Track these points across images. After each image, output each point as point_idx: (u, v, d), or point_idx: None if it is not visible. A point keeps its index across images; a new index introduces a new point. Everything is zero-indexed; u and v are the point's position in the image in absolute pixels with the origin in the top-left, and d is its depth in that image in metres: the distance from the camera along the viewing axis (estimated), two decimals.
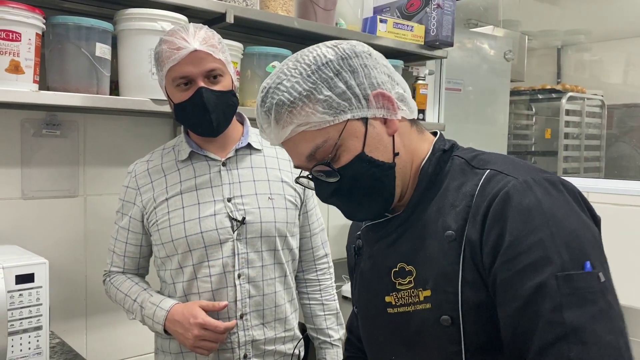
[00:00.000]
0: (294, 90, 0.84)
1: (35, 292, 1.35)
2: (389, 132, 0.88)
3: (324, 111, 0.84)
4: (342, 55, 0.87)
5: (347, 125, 0.85)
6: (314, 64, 0.85)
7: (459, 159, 0.91)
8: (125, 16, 1.58)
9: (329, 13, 2.06)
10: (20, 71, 1.39)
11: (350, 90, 0.86)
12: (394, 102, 0.88)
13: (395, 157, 0.89)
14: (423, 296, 0.86)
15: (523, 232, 0.76)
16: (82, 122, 1.81)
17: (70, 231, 1.80)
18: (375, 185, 0.88)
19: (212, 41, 1.31)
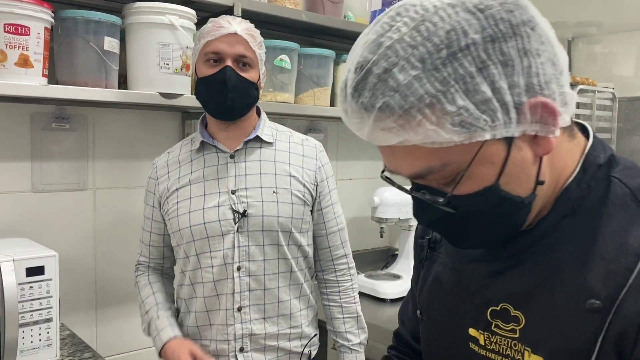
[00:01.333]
0: (410, 93, 0.57)
1: (45, 284, 1.36)
2: (539, 153, 0.63)
3: (453, 129, 0.58)
4: (493, 34, 0.58)
5: (482, 149, 0.60)
6: (447, 46, 0.57)
7: (621, 185, 0.65)
8: (133, 10, 1.58)
9: (337, 5, 2.05)
10: (29, 65, 1.39)
11: (497, 96, 0.58)
12: (557, 115, 0.61)
13: (537, 186, 0.65)
14: (531, 359, 0.67)
15: None
16: (91, 116, 1.82)
17: (79, 224, 1.81)
18: (500, 222, 0.66)
19: (252, 32, 1.37)
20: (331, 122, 2.49)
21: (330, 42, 2.28)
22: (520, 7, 0.61)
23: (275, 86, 1.92)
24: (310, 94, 2.06)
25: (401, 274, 2.30)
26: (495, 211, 0.64)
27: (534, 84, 0.60)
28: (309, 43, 2.20)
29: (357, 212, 2.63)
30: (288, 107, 1.96)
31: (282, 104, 1.94)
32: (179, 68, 1.62)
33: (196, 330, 1.42)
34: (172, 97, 1.63)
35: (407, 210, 2.27)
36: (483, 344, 0.72)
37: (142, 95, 1.60)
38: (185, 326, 1.44)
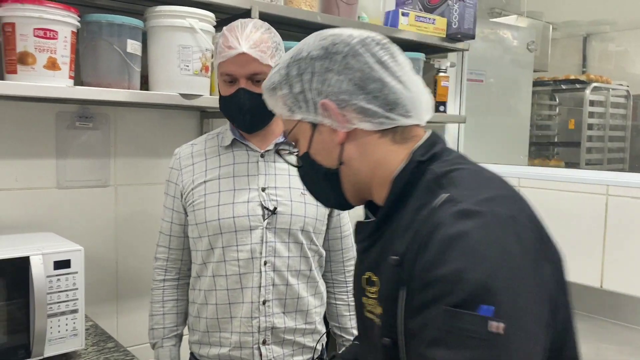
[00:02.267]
0: (270, 78, 0.94)
1: (71, 277, 1.42)
2: (336, 141, 0.89)
3: (283, 105, 0.92)
4: (314, 55, 0.88)
5: (298, 124, 0.92)
6: (292, 57, 0.90)
7: (431, 173, 0.84)
8: (155, 13, 1.64)
9: (351, 7, 2.09)
10: (57, 67, 1.45)
11: (305, 92, 0.89)
12: (337, 115, 0.87)
13: (341, 165, 0.90)
14: (379, 311, 0.85)
15: (436, 263, 0.72)
16: (113, 115, 1.88)
17: (102, 219, 1.88)
18: (320, 183, 0.95)
19: (263, 45, 1.35)
20: None
21: None
22: (344, 44, 0.88)
23: None
24: None
25: None
26: (313, 171, 0.94)
27: (326, 91, 0.88)
28: None
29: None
30: None
31: None
32: (199, 70, 1.67)
33: (215, 323, 1.44)
34: (192, 97, 1.68)
35: None
36: (368, 308, 0.90)
37: (162, 96, 1.65)
38: (204, 317, 1.46)
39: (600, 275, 2.06)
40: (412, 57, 2.31)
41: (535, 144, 4.26)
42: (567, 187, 2.15)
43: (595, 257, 2.07)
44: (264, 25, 1.40)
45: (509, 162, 2.62)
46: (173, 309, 1.54)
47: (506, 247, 0.71)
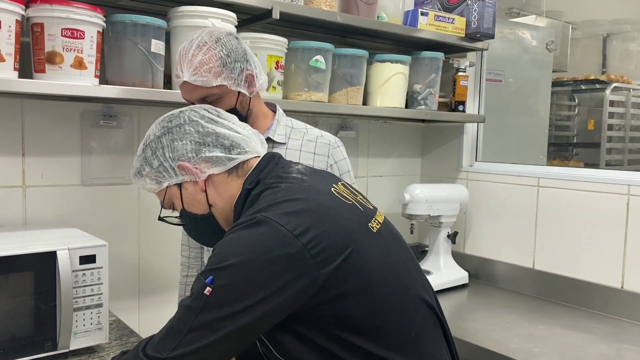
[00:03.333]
0: (134, 167, 1.18)
1: (96, 272, 1.45)
2: (200, 191, 1.13)
3: (150, 182, 1.15)
4: (159, 134, 1.13)
5: (167, 190, 1.15)
6: (144, 144, 1.16)
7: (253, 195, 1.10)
8: (178, 13, 1.66)
9: (370, 7, 2.10)
10: (83, 67, 1.49)
11: (162, 165, 1.13)
12: (191, 169, 1.11)
13: (211, 208, 1.14)
14: None
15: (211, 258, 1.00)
16: (136, 114, 1.91)
17: (125, 216, 1.91)
18: (204, 228, 1.17)
19: (205, 69, 1.33)
20: (362, 120, 2.54)
21: (364, 41, 2.33)
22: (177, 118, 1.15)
23: (310, 86, 1.99)
24: (344, 93, 2.12)
25: (431, 269, 2.35)
26: (195, 221, 1.17)
27: (177, 156, 1.12)
28: (343, 43, 2.25)
29: (388, 209, 2.68)
30: (322, 106, 2.02)
31: (316, 103, 2.01)
32: None
33: None
34: None
35: (438, 207, 2.32)
36: None
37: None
38: None
39: (621, 276, 2.04)
40: (431, 57, 2.31)
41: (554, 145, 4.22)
42: (587, 187, 2.14)
43: (616, 257, 2.06)
44: (210, 40, 1.36)
45: (528, 162, 2.60)
46: None
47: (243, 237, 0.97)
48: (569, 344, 1.79)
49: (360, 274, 0.99)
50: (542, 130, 3.24)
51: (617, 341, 1.82)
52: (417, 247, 2.76)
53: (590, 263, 2.13)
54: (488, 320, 1.99)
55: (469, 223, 2.57)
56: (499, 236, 2.45)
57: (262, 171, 1.13)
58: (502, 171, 2.45)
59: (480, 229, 2.53)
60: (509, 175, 2.41)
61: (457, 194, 2.40)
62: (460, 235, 2.49)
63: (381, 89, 2.22)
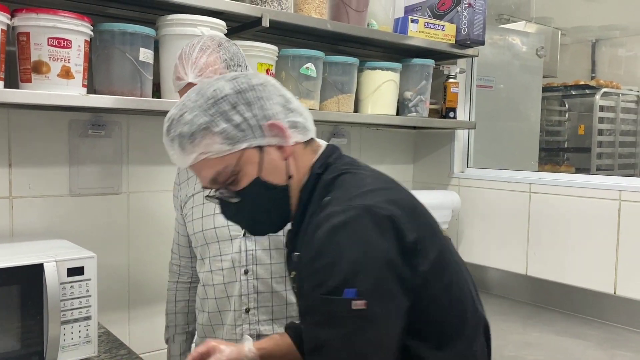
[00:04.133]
0: (194, 123, 0.95)
1: (85, 284, 1.43)
2: (283, 157, 1.00)
3: (222, 141, 0.95)
4: (238, 89, 0.97)
5: (244, 153, 0.97)
6: (212, 98, 0.96)
7: (323, 181, 1.01)
8: (167, 22, 1.65)
9: (360, 14, 2.10)
10: (70, 76, 1.47)
11: (245, 122, 0.96)
12: (284, 131, 0.98)
13: (289, 179, 1.01)
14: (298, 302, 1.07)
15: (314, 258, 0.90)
16: (125, 123, 1.90)
17: (114, 226, 1.89)
18: (271, 205, 1.02)
19: (210, 70, 1.33)
20: (354, 127, 2.54)
21: (354, 49, 2.33)
22: (257, 77, 1.01)
23: (301, 93, 1.98)
24: (335, 101, 2.11)
25: None
26: (267, 196, 1.00)
27: (267, 114, 0.97)
28: (334, 50, 2.25)
29: None
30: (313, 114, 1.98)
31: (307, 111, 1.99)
32: None
33: (210, 329, 1.48)
34: None
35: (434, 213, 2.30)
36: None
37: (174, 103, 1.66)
38: (200, 324, 1.52)
39: (613, 282, 2.04)
40: (421, 64, 2.31)
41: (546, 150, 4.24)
42: (579, 193, 2.14)
43: (609, 263, 2.05)
44: (213, 43, 1.36)
45: (519, 167, 2.60)
46: (184, 308, 1.63)
47: (365, 236, 0.87)
48: (564, 350, 1.78)
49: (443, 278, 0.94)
50: (533, 135, 3.25)
51: (612, 347, 1.81)
52: None
53: (582, 269, 2.13)
54: None
55: (461, 229, 2.56)
56: (491, 242, 2.44)
57: (330, 157, 1.04)
58: (494, 177, 2.45)
59: (472, 235, 2.52)
60: (500, 182, 2.41)
61: (449, 201, 2.40)
62: (452, 241, 2.49)
63: (372, 96, 2.22)
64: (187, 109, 0.96)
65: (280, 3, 1.85)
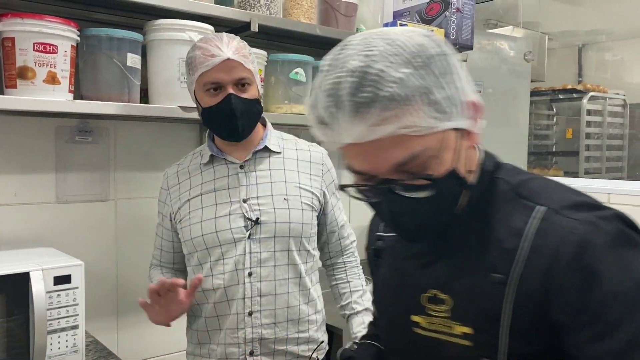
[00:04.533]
0: (408, 84, 0.69)
1: (72, 292, 1.41)
2: (469, 146, 0.79)
3: (434, 115, 0.71)
4: (440, 51, 0.74)
5: (445, 135, 0.74)
6: (419, 55, 0.71)
7: (505, 183, 0.82)
8: (154, 27, 1.64)
9: (349, 19, 2.10)
10: (56, 82, 1.45)
11: (455, 94, 0.74)
12: (480, 112, 0.78)
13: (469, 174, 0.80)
14: (461, 331, 0.81)
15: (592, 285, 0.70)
16: (113, 129, 1.88)
17: (102, 233, 1.87)
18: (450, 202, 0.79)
19: (243, 51, 1.38)
20: None
21: None
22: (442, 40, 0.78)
23: (290, 98, 1.97)
24: None
25: None
26: (453, 191, 0.78)
27: (466, 88, 0.77)
28: (323, 55, 2.24)
29: (362, 220, 2.65)
30: (303, 119, 2.00)
31: (297, 116, 1.99)
32: None
33: (206, 334, 1.45)
34: (192, 110, 1.67)
35: None
36: (425, 327, 0.86)
37: (163, 109, 1.65)
38: (195, 330, 1.48)
39: None
40: None
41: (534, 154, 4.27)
42: None
43: None
44: (234, 36, 1.41)
45: None
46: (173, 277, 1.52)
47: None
48: None
49: None
50: (522, 139, 3.27)
51: None
52: None
53: None
54: None
55: None
56: None
57: (494, 155, 0.87)
58: None
59: None
60: None
61: None
62: None
63: None
64: (386, 62, 0.70)
65: (269, 8, 1.85)
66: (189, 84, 1.42)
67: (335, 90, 0.71)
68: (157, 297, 1.32)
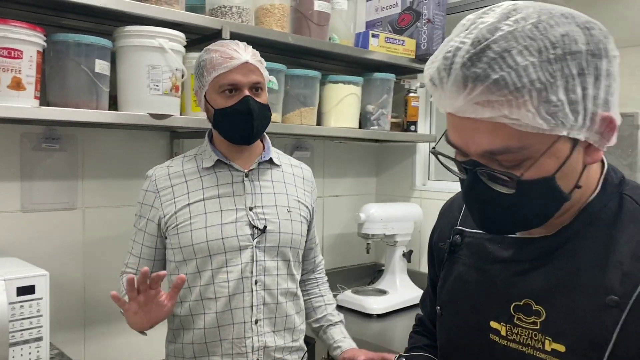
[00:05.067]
0: (526, 75, 0.64)
1: (35, 303, 1.38)
2: (587, 161, 0.74)
3: (544, 116, 0.65)
4: (593, 50, 0.68)
5: (556, 142, 0.68)
6: (561, 47, 0.65)
7: (631, 202, 0.77)
8: (124, 33, 1.62)
9: (322, 28, 2.11)
10: (21, 88, 1.42)
11: (584, 101, 0.67)
12: (615, 132, 0.71)
13: (573, 189, 0.74)
14: (551, 347, 0.76)
15: None
16: (81, 136, 1.84)
17: (69, 243, 1.83)
18: (539, 210, 0.74)
19: (259, 57, 1.42)
20: (317, 140, 2.54)
21: (316, 63, 2.33)
22: (609, 37, 0.71)
23: None
24: (297, 114, 2.11)
25: (387, 289, 2.34)
26: (541, 199, 0.72)
27: (609, 101, 0.70)
28: (296, 64, 2.25)
29: (344, 229, 2.67)
30: (276, 127, 2.00)
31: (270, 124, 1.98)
32: (169, 89, 1.66)
33: (204, 347, 1.40)
34: (162, 117, 1.66)
35: (393, 226, 2.32)
36: (504, 335, 0.82)
37: (132, 116, 1.63)
38: (189, 343, 1.41)
39: None
40: (383, 78, 2.34)
41: None
42: None
43: None
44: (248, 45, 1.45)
45: None
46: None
47: None
48: None
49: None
50: None
51: None
52: (373, 267, 2.75)
53: None
54: None
55: (424, 241, 2.57)
56: None
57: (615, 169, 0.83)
58: (454, 189, 2.47)
59: None
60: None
61: (411, 213, 2.41)
62: (415, 253, 2.50)
63: (335, 109, 2.23)
64: (517, 44, 0.65)
65: (241, 16, 1.85)
66: (198, 87, 1.43)
67: (452, 55, 0.68)
68: (135, 294, 1.21)
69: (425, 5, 2.30)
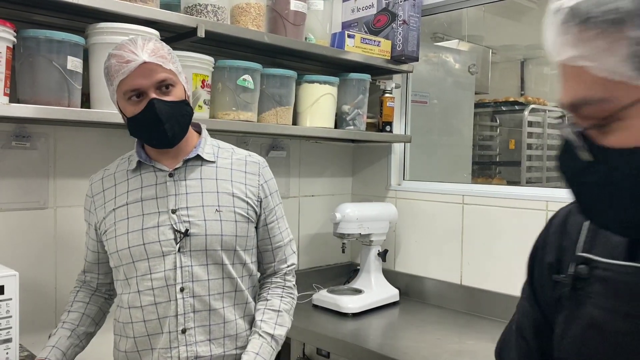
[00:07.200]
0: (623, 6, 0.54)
1: (5, 304, 1.35)
2: None
3: (632, 60, 0.54)
4: None
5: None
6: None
7: None
8: (97, 30, 1.60)
9: (298, 28, 2.11)
10: None
11: None
12: None
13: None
14: None
15: None
16: (53, 134, 1.81)
17: (40, 243, 1.80)
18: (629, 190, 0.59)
19: (161, 52, 1.31)
20: (293, 140, 2.54)
21: (292, 62, 2.33)
22: None
23: (238, 105, 1.96)
24: (273, 113, 2.11)
25: (363, 288, 2.35)
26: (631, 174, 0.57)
27: None
28: (272, 63, 2.25)
29: (320, 229, 2.67)
30: (251, 126, 2.00)
31: (245, 123, 1.98)
32: None
33: (136, 355, 1.39)
34: None
35: (368, 226, 2.33)
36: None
37: (105, 114, 1.61)
38: (123, 351, 1.40)
39: None
40: (358, 78, 2.35)
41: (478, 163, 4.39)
42: (509, 204, 2.23)
43: None
44: (151, 37, 1.37)
45: (453, 180, 2.68)
46: (80, 308, 1.50)
47: None
48: None
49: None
50: (466, 149, 3.36)
51: None
52: (349, 266, 2.77)
53: (514, 277, 2.20)
54: (419, 337, 2.01)
55: (398, 241, 2.60)
56: (427, 253, 2.50)
57: None
58: (429, 189, 2.51)
59: (409, 246, 2.57)
60: (435, 194, 2.47)
61: (386, 213, 2.43)
62: (390, 253, 2.52)
63: (310, 109, 2.23)
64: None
65: (217, 14, 1.84)
66: (110, 95, 1.36)
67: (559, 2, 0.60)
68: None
69: (401, 6, 2.32)
